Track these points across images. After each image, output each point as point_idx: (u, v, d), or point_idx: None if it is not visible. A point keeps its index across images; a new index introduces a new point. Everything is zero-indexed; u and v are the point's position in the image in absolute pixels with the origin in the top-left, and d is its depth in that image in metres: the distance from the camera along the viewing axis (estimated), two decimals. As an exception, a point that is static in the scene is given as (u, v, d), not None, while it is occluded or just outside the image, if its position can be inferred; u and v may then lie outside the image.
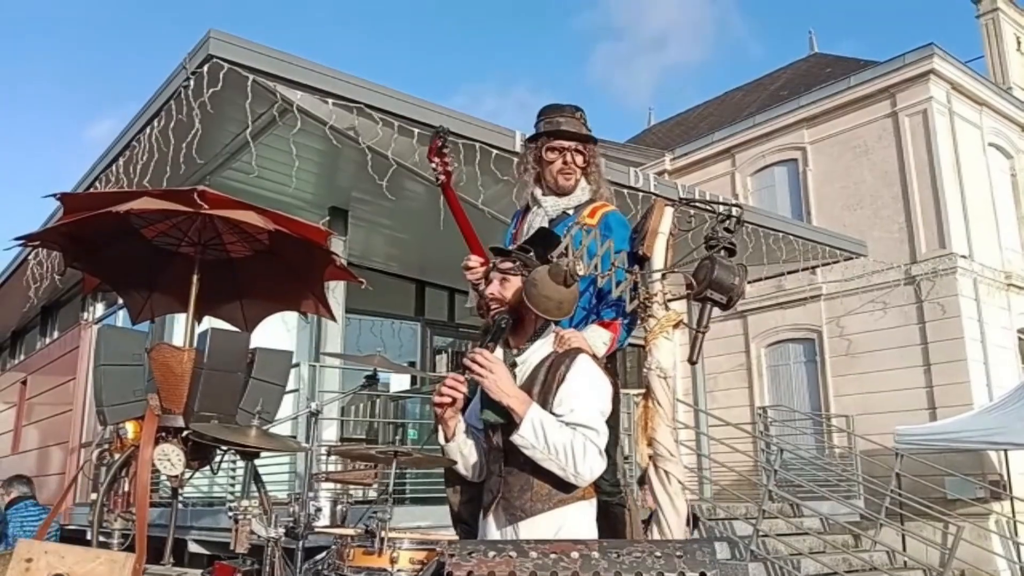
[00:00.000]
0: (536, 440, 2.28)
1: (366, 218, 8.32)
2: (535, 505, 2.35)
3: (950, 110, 14.07)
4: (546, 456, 2.29)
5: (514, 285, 2.54)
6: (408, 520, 5.75)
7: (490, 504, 2.45)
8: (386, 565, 2.25)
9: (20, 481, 6.90)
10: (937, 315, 13.23)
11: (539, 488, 2.36)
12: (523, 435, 2.29)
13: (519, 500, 2.37)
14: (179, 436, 3.75)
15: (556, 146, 3.18)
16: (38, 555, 2.82)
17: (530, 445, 2.29)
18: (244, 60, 5.42)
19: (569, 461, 2.28)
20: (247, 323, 4.56)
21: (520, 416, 2.30)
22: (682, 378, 12.57)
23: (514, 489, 2.38)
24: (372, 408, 9.72)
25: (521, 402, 2.32)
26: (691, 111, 21.82)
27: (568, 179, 3.19)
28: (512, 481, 2.40)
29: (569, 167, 3.17)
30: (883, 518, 9.09)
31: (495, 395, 2.34)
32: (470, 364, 2.35)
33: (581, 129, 3.19)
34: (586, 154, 3.20)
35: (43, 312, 12.53)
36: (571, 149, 3.17)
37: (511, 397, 2.33)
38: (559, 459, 2.28)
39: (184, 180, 6.78)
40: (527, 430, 2.28)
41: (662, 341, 3.05)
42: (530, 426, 2.29)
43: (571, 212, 3.20)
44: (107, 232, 3.95)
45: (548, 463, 2.30)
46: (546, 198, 3.24)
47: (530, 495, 2.36)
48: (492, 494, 2.45)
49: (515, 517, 2.37)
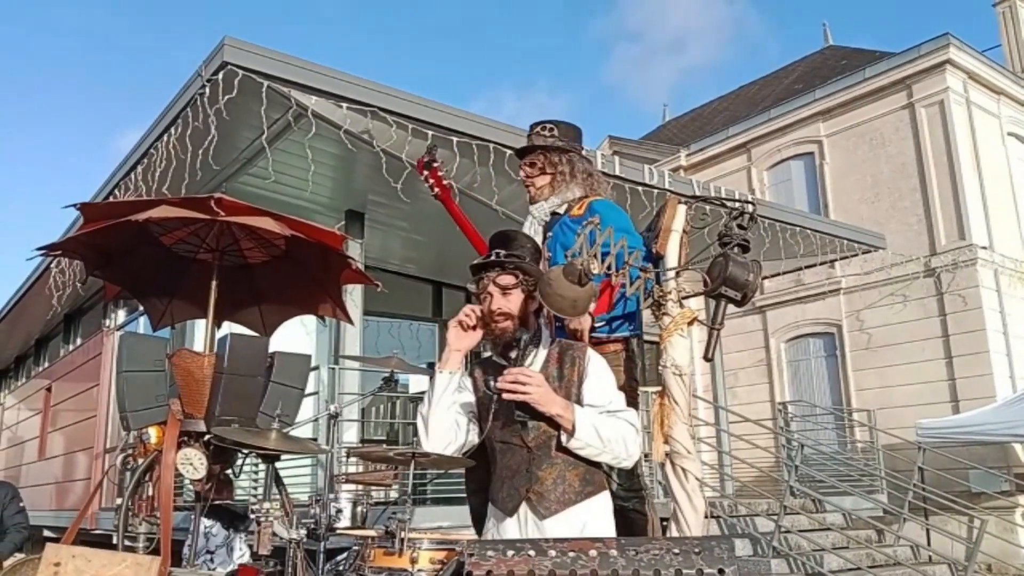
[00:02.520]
0: (592, 439, 2.41)
1: (382, 221, 8.36)
2: (569, 497, 2.46)
3: (967, 100, 13.94)
4: (601, 450, 2.43)
5: (517, 297, 2.56)
6: (428, 521, 5.77)
7: (518, 501, 2.48)
8: (406, 565, 2.27)
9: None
10: (958, 307, 13.11)
11: (572, 480, 2.48)
12: (580, 438, 2.41)
13: (553, 494, 2.46)
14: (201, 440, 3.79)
15: (522, 163, 3.49)
16: (66, 559, 2.86)
17: (586, 445, 2.42)
18: (258, 66, 5.46)
19: (622, 448, 2.44)
20: (266, 327, 4.60)
21: (571, 421, 2.40)
22: (702, 375, 12.53)
23: (547, 483, 2.47)
24: (392, 410, 9.76)
25: (566, 408, 2.42)
26: (706, 106, 21.72)
27: (528, 190, 3.46)
28: (543, 476, 2.47)
29: (526, 181, 3.46)
30: (906, 512, 9.02)
31: (543, 408, 2.40)
32: (512, 387, 2.38)
33: (533, 142, 3.43)
34: (541, 162, 3.41)
35: (66, 320, 12.67)
36: (523, 165, 3.47)
37: (557, 405, 2.41)
38: (614, 449, 2.43)
39: (201, 186, 6.84)
40: (584, 433, 2.41)
41: (677, 338, 3.06)
42: (586, 429, 2.41)
43: (560, 212, 3.36)
44: (127, 240, 3.99)
45: (602, 456, 2.45)
46: (533, 207, 3.47)
47: (563, 488, 2.46)
48: (519, 491, 2.49)
49: (549, 511, 2.44)
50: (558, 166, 3.39)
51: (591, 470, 2.51)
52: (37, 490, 11.95)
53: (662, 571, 1.91)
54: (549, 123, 3.45)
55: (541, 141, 3.41)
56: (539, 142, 3.41)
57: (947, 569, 8.33)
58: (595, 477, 2.52)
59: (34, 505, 9.31)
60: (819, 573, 7.25)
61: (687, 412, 3.03)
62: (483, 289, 2.58)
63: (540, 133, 3.43)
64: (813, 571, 7.29)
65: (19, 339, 14.79)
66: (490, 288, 2.57)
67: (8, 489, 6.56)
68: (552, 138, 3.40)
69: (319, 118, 5.85)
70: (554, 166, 3.39)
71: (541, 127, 3.45)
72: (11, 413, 15.92)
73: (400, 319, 10.68)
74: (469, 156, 6.29)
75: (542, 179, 3.40)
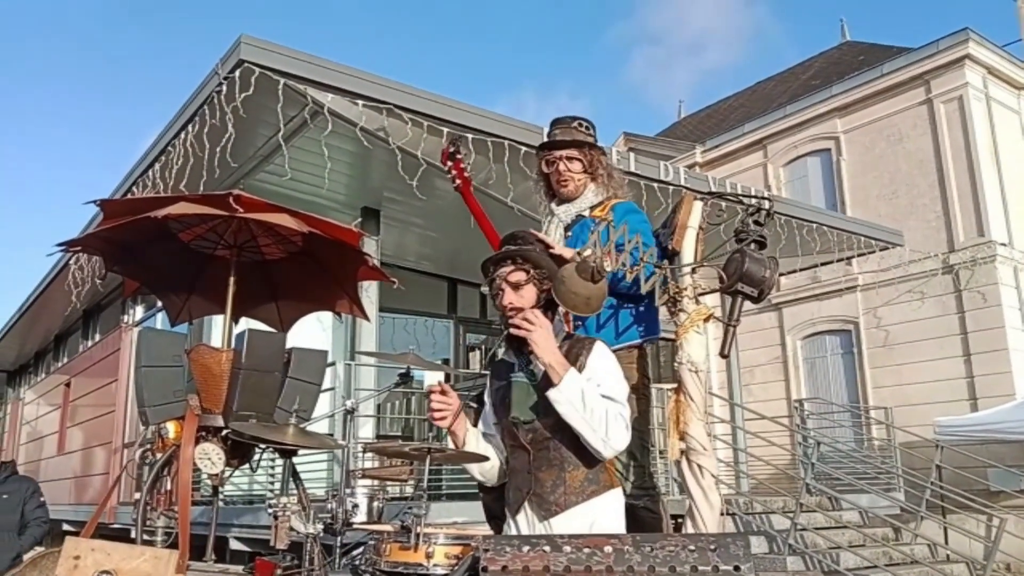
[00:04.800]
0: (574, 399, 2.33)
1: (398, 218, 8.38)
2: (569, 499, 2.41)
3: (987, 95, 13.81)
4: (581, 416, 2.34)
5: (529, 292, 2.54)
6: (444, 516, 5.79)
7: (520, 502, 2.48)
8: (422, 560, 2.27)
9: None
10: (977, 304, 13.00)
11: (571, 482, 2.42)
12: (563, 391, 2.34)
13: (552, 495, 2.42)
14: (219, 435, 3.81)
15: (550, 157, 3.34)
16: (85, 552, 2.89)
17: (567, 401, 2.34)
18: (275, 64, 5.48)
19: (601, 425, 2.34)
20: (283, 324, 4.62)
21: (559, 375, 2.35)
22: (717, 372, 12.49)
23: (546, 485, 2.43)
24: (407, 406, 9.79)
25: (562, 364, 2.38)
26: (722, 102, 21.61)
27: (565, 186, 3.34)
28: (543, 477, 2.44)
29: (564, 175, 3.31)
30: (924, 511, 8.96)
31: (539, 351, 2.39)
32: (519, 321, 2.39)
33: (575, 136, 3.30)
34: (584, 160, 3.31)
35: (84, 316, 12.79)
36: (562, 158, 3.30)
37: (553, 355, 2.38)
38: (593, 421, 2.33)
39: (219, 184, 6.87)
40: (569, 389, 2.34)
41: (693, 335, 3.05)
42: (571, 386, 2.34)
43: (585, 215, 3.29)
44: (145, 236, 4.02)
45: (582, 425, 2.34)
46: (558, 207, 3.38)
47: (563, 489, 2.41)
48: (522, 492, 2.48)
49: (549, 512, 2.41)
50: (598, 168, 3.33)
51: (596, 470, 2.45)
52: (56, 485, 12.07)
53: (677, 567, 1.91)
54: (584, 120, 3.36)
55: (582, 138, 3.32)
56: (580, 138, 3.32)
57: (965, 568, 8.27)
58: (600, 476, 2.46)
59: (54, 499, 9.39)
60: (835, 571, 7.22)
61: (703, 409, 3.03)
62: (496, 288, 2.58)
63: (579, 129, 3.33)
64: (829, 569, 7.26)
65: (39, 335, 14.95)
66: (502, 285, 2.56)
67: (29, 484, 6.64)
68: (591, 137, 3.34)
69: (335, 115, 5.87)
70: (595, 167, 3.32)
71: (577, 123, 3.35)
72: (31, 408, 16.08)
73: (415, 316, 10.71)
74: (484, 153, 6.29)
75: (583, 176, 3.32)
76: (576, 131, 3.33)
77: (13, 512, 6.31)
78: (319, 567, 2.85)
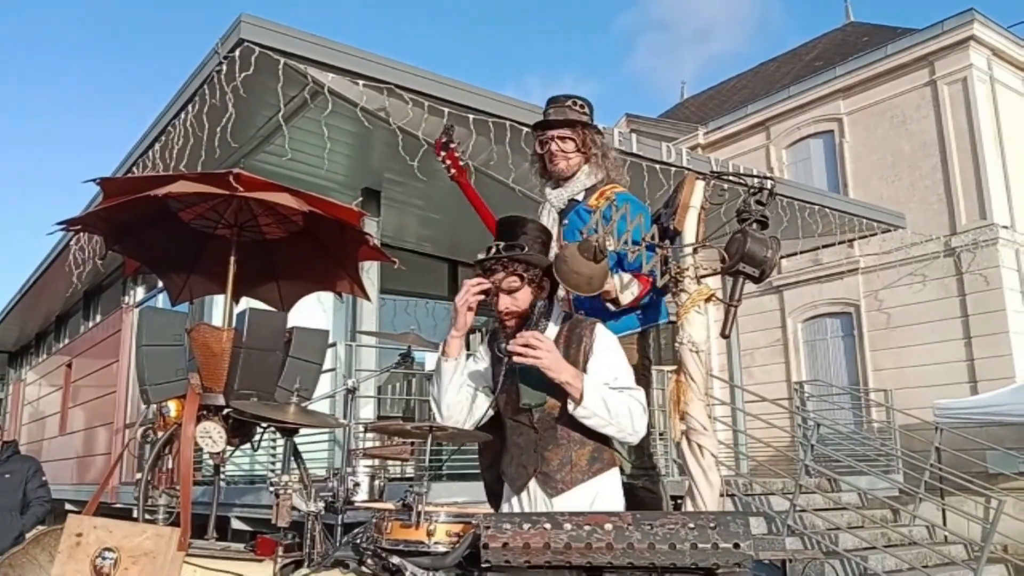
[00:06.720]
0: (599, 409, 2.37)
1: (399, 199, 8.36)
2: (575, 476, 2.46)
3: (991, 77, 13.74)
4: (607, 422, 2.39)
5: (525, 294, 2.54)
6: (445, 496, 5.82)
7: (526, 479, 2.50)
8: (423, 538, 2.28)
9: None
10: (978, 287, 13.00)
11: (578, 460, 2.47)
12: (587, 407, 2.37)
13: (560, 474, 2.46)
14: (220, 414, 3.81)
15: (544, 137, 3.30)
16: (88, 530, 2.91)
17: (592, 415, 2.37)
18: (275, 43, 5.45)
19: (627, 422, 2.39)
20: (284, 303, 4.61)
21: (579, 389, 2.36)
22: (718, 354, 12.51)
23: (553, 464, 2.47)
24: (408, 386, 9.81)
25: (576, 376, 2.39)
26: (724, 84, 21.51)
27: (556, 163, 3.28)
28: (550, 456, 2.47)
29: (556, 154, 3.26)
30: (923, 492, 9.00)
31: (552, 374, 2.38)
32: (523, 349, 2.36)
33: (568, 115, 3.25)
34: (577, 139, 3.25)
35: (85, 296, 12.80)
36: (555, 138, 3.25)
37: (567, 373, 2.38)
38: (619, 422, 2.39)
39: (219, 164, 6.85)
40: (591, 402, 2.37)
41: (694, 315, 3.05)
42: (593, 398, 2.37)
43: (579, 199, 3.24)
44: (146, 216, 4.01)
45: (607, 428, 2.41)
46: (551, 192, 3.34)
47: (570, 467, 2.46)
48: (527, 469, 2.50)
49: (555, 491, 2.45)
50: (592, 148, 3.27)
51: (599, 447, 2.50)
52: (58, 464, 12.13)
53: (677, 544, 1.92)
54: (579, 99, 3.31)
55: (577, 117, 3.26)
56: (575, 117, 3.26)
57: (963, 549, 8.32)
58: (603, 454, 2.51)
59: (55, 479, 9.44)
60: (834, 551, 7.26)
61: (703, 389, 3.03)
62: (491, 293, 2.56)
63: (574, 108, 3.27)
64: (828, 550, 7.30)
65: (40, 316, 14.96)
66: (496, 292, 2.55)
67: (31, 463, 6.66)
68: (586, 116, 3.28)
69: (335, 95, 5.84)
70: (588, 147, 3.26)
71: (572, 102, 3.29)
72: (32, 389, 16.13)
73: (416, 297, 10.72)
74: (485, 134, 6.27)
75: (577, 156, 3.26)
76: (570, 110, 3.27)
77: (15, 492, 6.34)
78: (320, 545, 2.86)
